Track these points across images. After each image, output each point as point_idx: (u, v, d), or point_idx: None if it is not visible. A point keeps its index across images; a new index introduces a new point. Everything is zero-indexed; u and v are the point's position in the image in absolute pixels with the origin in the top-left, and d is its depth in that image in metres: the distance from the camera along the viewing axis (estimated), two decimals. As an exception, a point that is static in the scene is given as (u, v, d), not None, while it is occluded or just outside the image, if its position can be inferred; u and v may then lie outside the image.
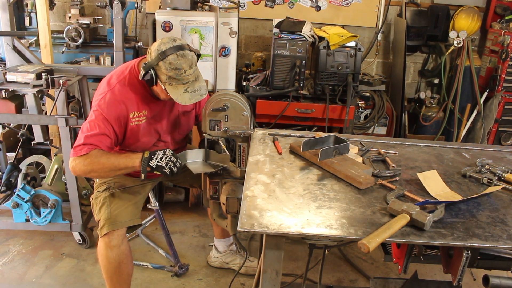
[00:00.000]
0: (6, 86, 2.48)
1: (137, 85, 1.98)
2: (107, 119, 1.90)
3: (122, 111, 1.94)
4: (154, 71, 1.85)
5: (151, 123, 2.05)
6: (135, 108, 1.98)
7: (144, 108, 2.01)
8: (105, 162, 1.87)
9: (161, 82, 1.88)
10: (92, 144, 1.86)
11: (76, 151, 1.86)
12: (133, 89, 1.97)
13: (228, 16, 3.03)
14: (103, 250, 2.01)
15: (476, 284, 2.50)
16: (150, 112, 2.03)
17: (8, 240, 2.79)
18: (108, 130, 1.90)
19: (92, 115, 1.91)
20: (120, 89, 1.95)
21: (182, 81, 1.87)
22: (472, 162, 1.81)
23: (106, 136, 1.90)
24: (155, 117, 2.06)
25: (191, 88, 1.89)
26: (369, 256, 2.81)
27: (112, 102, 1.92)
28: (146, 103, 2.01)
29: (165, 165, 1.87)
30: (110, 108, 1.91)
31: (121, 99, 1.94)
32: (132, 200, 2.12)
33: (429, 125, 3.72)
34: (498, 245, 1.24)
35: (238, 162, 1.91)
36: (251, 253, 2.76)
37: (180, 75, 1.85)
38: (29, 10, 3.53)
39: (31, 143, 3.26)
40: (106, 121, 1.90)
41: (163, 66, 1.83)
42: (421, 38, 3.71)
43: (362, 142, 1.96)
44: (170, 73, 1.84)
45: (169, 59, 1.82)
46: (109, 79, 2.01)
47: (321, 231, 1.25)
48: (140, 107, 1.99)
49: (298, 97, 3.06)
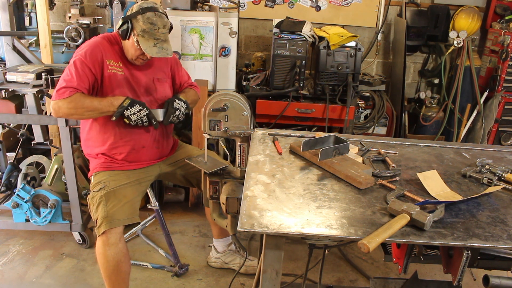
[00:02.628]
0: (6, 86, 2.49)
1: (113, 42, 2.15)
2: (85, 62, 2.03)
3: (99, 56, 2.07)
4: (131, 23, 2.04)
5: (127, 77, 2.15)
6: (112, 57, 2.12)
7: (120, 61, 2.14)
8: (88, 105, 2.01)
9: (135, 34, 2.04)
10: (74, 87, 2.00)
11: (59, 94, 1.99)
12: (110, 44, 2.14)
13: (228, 16, 3.03)
14: (101, 248, 2.01)
15: (476, 284, 2.50)
16: (125, 68, 2.15)
17: (8, 240, 2.79)
18: (86, 73, 2.03)
19: (73, 62, 2.05)
20: (98, 41, 2.12)
21: (154, 36, 2.05)
22: (472, 162, 1.81)
23: (86, 78, 2.04)
24: (131, 74, 2.17)
25: (160, 45, 2.07)
26: (369, 256, 2.81)
27: (90, 50, 2.06)
28: (121, 58, 2.15)
29: (134, 121, 2.06)
30: (88, 54, 2.05)
31: (98, 47, 2.09)
32: (128, 198, 2.12)
33: (429, 125, 3.72)
34: (498, 245, 1.24)
35: (238, 162, 1.92)
36: (251, 253, 2.76)
37: (154, 30, 2.04)
38: (29, 10, 3.53)
39: (31, 143, 3.26)
40: (84, 65, 2.03)
41: (140, 19, 2.02)
42: (421, 38, 3.72)
43: (362, 142, 1.96)
44: (145, 26, 2.02)
45: (147, 15, 2.03)
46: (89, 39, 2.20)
47: (321, 231, 1.25)
48: (116, 59, 2.14)
49: (298, 97, 3.06)
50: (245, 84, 3.25)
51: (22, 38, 3.08)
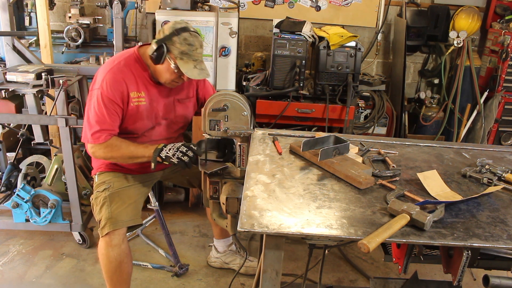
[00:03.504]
0: (6, 86, 2.48)
1: (136, 67, 2.04)
2: (112, 99, 1.94)
3: (124, 89, 1.98)
4: (167, 46, 1.93)
5: (149, 106, 2.08)
6: (135, 88, 2.02)
7: (143, 90, 2.05)
8: (124, 150, 1.97)
9: (171, 57, 1.94)
10: (108, 129, 1.94)
11: (94, 138, 1.93)
12: (133, 70, 2.03)
13: (228, 16, 3.03)
14: (104, 249, 2.01)
15: (476, 284, 2.50)
16: (148, 95, 2.06)
17: (8, 240, 2.79)
18: (115, 110, 1.96)
19: (98, 98, 1.94)
20: (120, 69, 2.00)
21: (193, 57, 1.96)
22: (472, 162, 1.81)
23: (117, 116, 1.97)
24: (152, 100, 2.09)
25: (199, 66, 1.98)
26: (369, 256, 2.81)
27: (114, 82, 1.96)
28: (144, 84, 2.06)
29: (172, 155, 1.92)
30: (113, 88, 1.95)
31: (122, 78, 1.99)
32: (132, 199, 2.12)
33: (429, 125, 3.72)
34: (498, 245, 1.24)
35: (238, 162, 1.91)
36: (251, 253, 2.76)
37: (192, 51, 1.95)
38: (29, 10, 3.53)
39: (31, 143, 3.26)
40: (111, 101, 1.94)
41: (177, 41, 1.93)
42: (421, 38, 3.71)
43: (362, 142, 1.96)
44: (184, 48, 1.93)
45: (183, 35, 1.93)
46: (107, 63, 2.06)
47: (321, 231, 1.25)
48: (139, 88, 2.04)
49: (298, 97, 3.06)
50: (245, 84, 3.25)
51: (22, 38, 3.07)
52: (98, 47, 3.44)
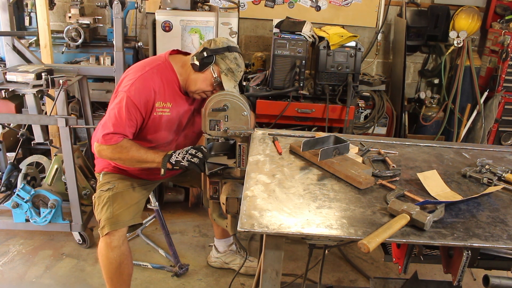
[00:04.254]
0: (6, 86, 2.48)
1: (167, 75, 2.02)
2: (136, 105, 1.92)
3: (150, 98, 1.96)
4: (215, 58, 1.97)
5: (172, 118, 2.05)
6: (162, 98, 1.99)
7: (170, 100, 2.02)
8: (134, 154, 1.93)
9: (216, 70, 1.98)
10: (121, 133, 1.91)
11: (106, 139, 1.89)
12: (163, 78, 2.00)
13: (228, 16, 3.03)
14: (104, 250, 2.01)
15: (476, 284, 2.50)
16: (174, 106, 2.04)
17: (8, 240, 2.79)
18: (135, 117, 1.93)
19: (122, 100, 1.91)
20: (152, 76, 1.97)
21: (236, 78, 2.01)
22: (472, 162, 1.81)
23: (135, 122, 1.94)
24: (178, 112, 2.07)
25: (237, 88, 2.02)
26: (369, 256, 2.81)
27: (142, 89, 1.93)
28: (172, 95, 2.03)
29: (182, 158, 1.90)
30: (140, 93, 1.92)
31: (151, 86, 1.96)
32: (134, 200, 2.11)
33: (429, 125, 3.72)
34: (498, 245, 1.24)
35: (238, 162, 1.91)
36: (251, 253, 2.76)
37: (238, 71, 2.01)
38: (29, 10, 3.53)
39: (31, 143, 3.26)
40: (135, 107, 1.92)
41: (228, 57, 1.98)
42: (421, 38, 3.71)
43: (362, 142, 1.96)
44: (232, 66, 1.98)
45: (234, 54, 2.00)
46: (138, 67, 2.02)
47: (321, 231, 1.25)
48: (166, 98, 2.01)
49: (298, 97, 3.05)
50: (245, 84, 3.25)
51: (22, 38, 3.07)
52: (98, 47, 3.44)
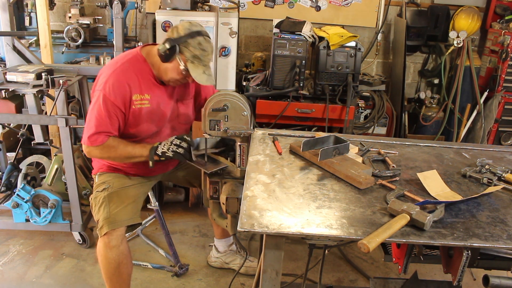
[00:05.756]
0: (6, 86, 2.48)
1: (140, 68, 2.01)
2: (113, 102, 1.93)
3: (126, 92, 1.96)
4: (179, 47, 1.91)
5: (152, 109, 2.05)
6: (138, 90, 2.00)
7: (147, 92, 2.02)
8: (122, 151, 1.97)
9: (182, 59, 1.93)
10: (105, 132, 1.92)
11: (91, 141, 1.92)
12: (137, 71, 2.00)
13: (228, 16, 3.03)
14: (103, 250, 2.00)
15: (476, 284, 2.50)
16: (153, 97, 2.04)
17: (8, 240, 2.79)
18: (115, 114, 1.94)
19: (98, 99, 1.92)
20: (124, 71, 1.97)
21: (203, 63, 1.95)
22: (472, 162, 1.81)
23: (116, 119, 1.95)
24: (159, 103, 2.07)
25: (207, 71, 1.98)
26: (369, 256, 2.81)
27: (117, 85, 1.94)
28: (148, 86, 2.03)
29: (167, 149, 1.93)
30: (115, 90, 1.93)
31: (125, 81, 1.96)
32: (131, 199, 2.11)
33: (429, 125, 3.72)
34: (498, 245, 1.24)
35: (238, 162, 1.91)
36: (251, 253, 2.76)
37: (204, 56, 1.94)
38: (29, 10, 3.52)
39: (31, 143, 3.26)
40: (113, 104, 1.93)
41: (192, 43, 1.91)
42: (421, 38, 3.71)
43: (362, 142, 1.96)
44: (197, 52, 1.92)
45: (198, 39, 1.92)
46: (111, 64, 2.03)
47: (321, 231, 1.25)
48: (143, 90, 2.01)
49: (298, 97, 3.06)
50: (245, 84, 3.25)
51: (22, 38, 3.07)
52: (98, 47, 3.44)
